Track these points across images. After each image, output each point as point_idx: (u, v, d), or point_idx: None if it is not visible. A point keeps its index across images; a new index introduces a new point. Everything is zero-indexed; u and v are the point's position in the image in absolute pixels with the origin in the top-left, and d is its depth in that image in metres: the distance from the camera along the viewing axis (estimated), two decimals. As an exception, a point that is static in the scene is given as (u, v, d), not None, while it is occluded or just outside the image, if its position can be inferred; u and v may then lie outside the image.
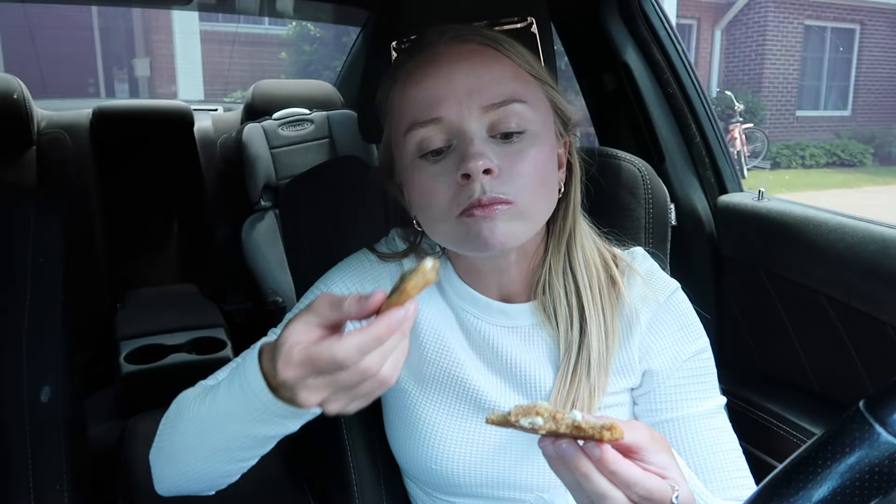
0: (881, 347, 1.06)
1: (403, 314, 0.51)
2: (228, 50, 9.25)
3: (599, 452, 0.51)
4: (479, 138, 0.69)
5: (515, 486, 0.78)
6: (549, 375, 0.78)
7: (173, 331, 2.10)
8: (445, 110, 0.69)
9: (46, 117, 2.43)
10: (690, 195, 1.38)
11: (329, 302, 0.53)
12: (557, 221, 0.80)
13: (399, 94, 0.74)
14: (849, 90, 11.60)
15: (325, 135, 2.55)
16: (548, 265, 0.79)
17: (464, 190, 0.68)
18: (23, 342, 0.93)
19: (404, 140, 0.72)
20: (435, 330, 0.80)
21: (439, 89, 0.70)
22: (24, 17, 7.11)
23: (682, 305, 0.82)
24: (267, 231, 2.37)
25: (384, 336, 0.51)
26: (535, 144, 0.71)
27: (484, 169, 0.67)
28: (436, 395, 0.80)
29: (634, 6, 1.37)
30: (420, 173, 0.71)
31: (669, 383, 0.78)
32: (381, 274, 0.83)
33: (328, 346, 0.51)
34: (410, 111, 0.72)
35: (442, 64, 0.71)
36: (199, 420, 0.66)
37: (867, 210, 6.40)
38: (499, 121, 0.70)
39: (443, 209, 0.70)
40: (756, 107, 10.33)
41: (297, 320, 0.54)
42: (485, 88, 0.70)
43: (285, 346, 0.53)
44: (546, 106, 0.75)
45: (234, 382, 0.61)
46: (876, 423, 0.46)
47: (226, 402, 0.62)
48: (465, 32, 0.73)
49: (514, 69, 0.72)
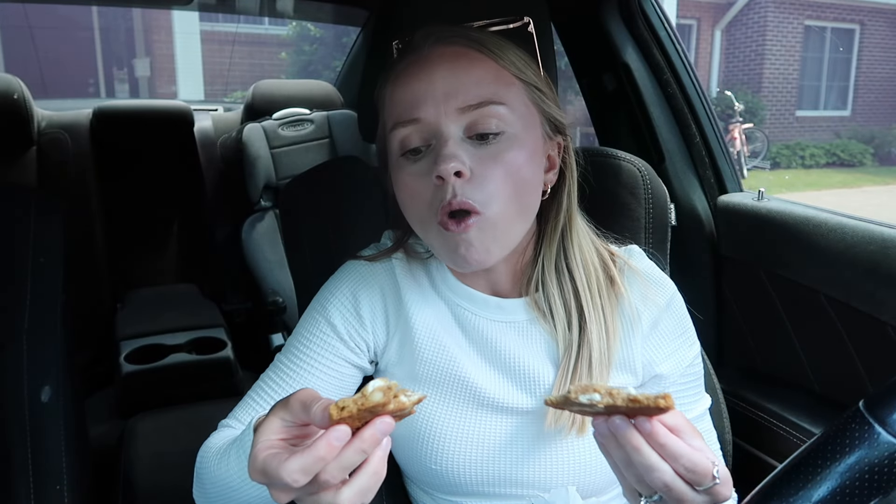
0: (881, 347, 1.06)
1: (345, 432, 0.49)
2: (228, 50, 9.26)
3: (650, 426, 0.54)
4: (453, 140, 0.70)
5: (518, 483, 0.78)
6: (548, 371, 0.79)
7: (173, 331, 2.10)
8: (424, 111, 0.71)
9: (46, 117, 2.43)
10: (690, 195, 1.38)
11: (301, 401, 0.53)
12: (549, 221, 0.80)
13: (388, 94, 0.76)
14: (849, 90, 11.59)
15: (325, 135, 2.55)
16: (540, 263, 0.80)
17: (437, 192, 0.70)
18: (23, 342, 0.93)
19: (389, 138, 0.75)
20: (429, 328, 0.80)
21: (420, 91, 0.72)
22: (24, 17, 7.11)
23: (682, 309, 0.84)
24: (267, 231, 2.37)
25: (326, 454, 0.49)
26: (513, 147, 0.72)
27: (455, 171, 0.68)
28: (434, 393, 0.80)
29: (634, 6, 1.37)
30: (402, 171, 0.74)
31: (672, 389, 0.82)
32: (376, 274, 0.83)
33: (277, 463, 0.50)
34: (395, 111, 0.74)
35: (424, 66, 0.72)
36: (221, 481, 0.69)
37: (867, 210, 6.40)
38: (475, 122, 0.71)
39: (423, 211, 0.72)
40: (756, 107, 10.33)
41: (275, 416, 0.54)
42: (463, 90, 0.71)
43: (253, 450, 0.52)
44: (530, 108, 0.75)
45: (240, 454, 0.64)
46: (876, 423, 0.46)
47: (237, 472, 0.65)
48: (450, 35, 0.74)
49: (496, 71, 0.73)
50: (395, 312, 0.81)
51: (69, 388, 0.95)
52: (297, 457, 0.50)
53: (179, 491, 0.86)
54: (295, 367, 0.79)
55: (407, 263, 0.83)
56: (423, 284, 0.82)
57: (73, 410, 0.96)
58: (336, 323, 0.79)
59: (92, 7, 8.09)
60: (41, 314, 0.95)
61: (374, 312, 0.81)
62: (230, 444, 0.68)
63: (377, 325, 0.81)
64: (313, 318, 0.81)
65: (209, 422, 0.82)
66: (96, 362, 2.18)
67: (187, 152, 2.57)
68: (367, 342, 0.81)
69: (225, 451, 0.68)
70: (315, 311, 0.82)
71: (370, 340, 0.81)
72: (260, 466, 0.51)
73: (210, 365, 2.05)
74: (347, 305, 0.80)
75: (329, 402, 0.51)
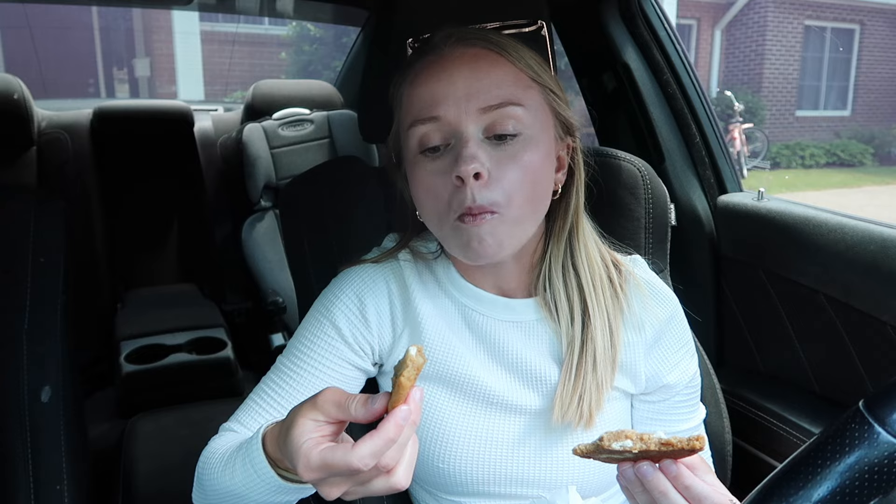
0: (881, 347, 1.06)
1: (407, 411, 0.53)
2: (228, 50, 9.25)
3: (676, 469, 0.56)
4: (473, 140, 0.71)
5: (523, 482, 0.79)
6: (552, 370, 0.80)
7: (173, 331, 2.10)
8: (444, 110, 0.72)
9: (46, 117, 2.43)
10: (690, 195, 1.38)
11: (334, 401, 0.55)
12: (557, 220, 0.81)
13: (406, 92, 0.77)
14: (848, 90, 11.59)
15: (325, 135, 2.55)
16: (548, 262, 0.81)
17: (457, 194, 0.71)
18: (23, 342, 0.93)
19: (407, 135, 0.75)
20: (437, 328, 0.81)
21: (440, 90, 0.73)
22: (24, 17, 7.11)
23: (684, 322, 0.86)
24: (267, 231, 2.37)
25: (395, 436, 0.52)
26: (529, 148, 0.73)
27: (475, 173, 0.69)
28: (441, 393, 0.80)
29: (634, 6, 1.37)
30: (420, 169, 0.74)
31: (676, 399, 0.84)
32: (383, 275, 0.83)
33: (343, 454, 0.52)
34: (414, 108, 0.75)
35: (445, 66, 0.73)
36: (224, 488, 0.69)
37: (867, 210, 6.40)
38: (495, 123, 0.72)
39: (440, 208, 0.73)
40: (756, 107, 10.33)
41: (304, 418, 0.56)
42: (484, 91, 0.72)
43: (301, 449, 0.54)
44: (545, 110, 0.76)
45: (246, 463, 0.64)
46: (876, 423, 0.46)
47: (243, 480, 0.65)
48: (470, 36, 0.75)
49: (514, 73, 0.74)
50: (403, 312, 0.81)
51: (69, 388, 0.95)
52: (367, 442, 0.52)
53: (179, 491, 0.86)
54: (298, 370, 0.79)
55: (414, 264, 0.84)
56: (430, 285, 0.83)
57: (73, 410, 0.96)
58: (341, 326, 0.79)
59: (92, 7, 8.08)
60: (41, 314, 0.95)
61: (381, 314, 0.81)
62: (234, 451, 0.68)
63: (383, 327, 0.81)
64: (317, 321, 0.81)
65: (209, 422, 0.82)
66: (96, 362, 2.18)
67: (187, 152, 2.57)
68: (372, 345, 0.81)
69: (229, 458, 0.68)
70: (319, 314, 0.81)
71: (375, 344, 0.81)
72: (317, 463, 0.53)
73: (210, 365, 2.05)
74: (353, 308, 0.80)
75: (360, 396, 0.54)
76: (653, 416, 0.84)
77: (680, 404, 0.85)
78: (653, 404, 0.84)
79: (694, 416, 0.88)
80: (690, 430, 0.86)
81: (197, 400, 1.93)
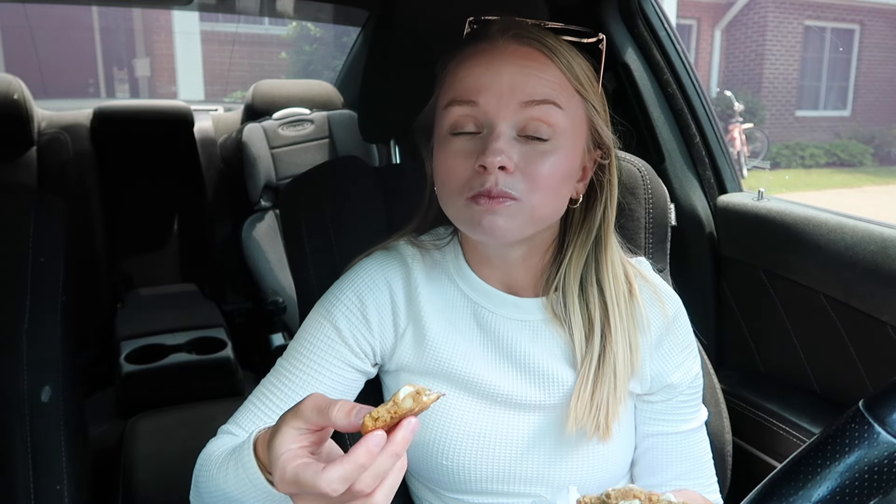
0: (881, 347, 1.06)
1: (381, 438, 0.51)
2: (228, 50, 9.25)
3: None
4: (504, 137, 0.71)
5: (526, 480, 0.79)
6: (566, 373, 0.80)
7: (173, 331, 2.10)
8: (484, 98, 0.72)
9: (47, 117, 2.43)
10: (690, 195, 1.38)
11: (315, 407, 0.54)
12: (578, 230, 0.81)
13: (451, 71, 0.77)
14: (848, 90, 11.59)
15: (325, 135, 2.55)
16: (564, 268, 0.81)
17: (478, 177, 0.71)
18: (23, 342, 0.93)
19: (443, 113, 0.76)
20: (441, 325, 0.81)
21: (485, 79, 0.73)
22: (24, 17, 7.10)
23: (687, 323, 0.87)
24: (267, 231, 2.37)
25: (366, 462, 0.50)
26: (558, 153, 0.73)
27: (500, 165, 0.70)
28: (445, 389, 0.80)
29: (634, 6, 1.37)
30: (447, 147, 0.75)
31: (679, 399, 0.85)
32: (385, 271, 0.82)
33: (313, 474, 0.51)
34: (455, 89, 0.75)
35: (496, 56, 0.74)
36: (219, 491, 0.69)
37: (867, 210, 6.41)
38: (530, 122, 0.72)
39: (457, 188, 0.74)
40: (756, 107, 10.33)
41: (287, 426, 0.54)
42: (529, 86, 0.72)
43: (279, 461, 0.53)
44: (582, 121, 0.77)
45: (238, 468, 0.64)
46: (876, 423, 0.46)
47: (236, 485, 0.65)
48: (526, 34, 0.75)
49: (561, 79, 0.74)
50: (406, 310, 0.81)
51: (69, 388, 0.95)
52: (336, 466, 0.50)
53: (179, 491, 0.86)
54: (298, 372, 0.79)
55: (421, 258, 0.84)
56: (438, 277, 0.83)
57: (73, 410, 0.96)
58: (342, 328, 0.79)
59: (92, 7, 8.08)
60: (41, 314, 0.95)
61: (382, 315, 0.81)
62: (228, 455, 0.68)
63: (385, 327, 0.81)
64: (317, 323, 0.80)
65: (209, 422, 0.82)
66: (96, 362, 2.18)
67: (187, 152, 2.57)
68: (374, 347, 0.81)
69: (224, 461, 0.68)
70: (319, 316, 0.81)
71: (376, 345, 0.81)
72: (291, 478, 0.52)
73: (210, 365, 2.04)
74: (354, 310, 0.80)
75: (344, 404, 0.52)
76: (655, 417, 0.85)
77: (682, 405, 0.85)
78: (655, 405, 0.84)
79: (696, 417, 0.87)
80: (692, 431, 0.86)
81: (197, 400, 1.93)
